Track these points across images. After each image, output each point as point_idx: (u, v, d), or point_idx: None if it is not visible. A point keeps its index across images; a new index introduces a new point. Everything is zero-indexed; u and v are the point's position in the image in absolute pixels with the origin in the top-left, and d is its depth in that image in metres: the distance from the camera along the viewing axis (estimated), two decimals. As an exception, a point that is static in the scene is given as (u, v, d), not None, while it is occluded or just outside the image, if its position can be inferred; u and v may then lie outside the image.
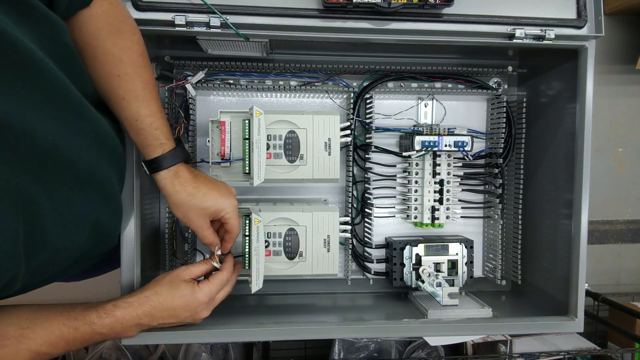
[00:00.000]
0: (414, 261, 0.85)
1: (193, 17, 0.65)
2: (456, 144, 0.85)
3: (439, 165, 0.89)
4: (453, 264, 0.86)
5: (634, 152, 1.79)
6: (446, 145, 0.85)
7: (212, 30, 0.66)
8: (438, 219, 0.90)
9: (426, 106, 0.92)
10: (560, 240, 0.80)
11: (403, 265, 0.85)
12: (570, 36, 0.72)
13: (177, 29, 0.65)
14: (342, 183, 0.91)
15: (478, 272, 0.95)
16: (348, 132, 0.81)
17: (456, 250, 0.86)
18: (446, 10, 0.69)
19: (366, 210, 0.89)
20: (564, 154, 0.79)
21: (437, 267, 0.85)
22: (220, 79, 0.85)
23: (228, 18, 0.65)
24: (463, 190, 0.93)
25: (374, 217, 0.90)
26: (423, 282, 0.82)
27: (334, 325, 0.75)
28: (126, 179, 0.66)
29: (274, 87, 0.87)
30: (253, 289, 0.69)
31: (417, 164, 0.89)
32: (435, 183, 0.89)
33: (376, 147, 0.90)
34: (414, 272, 0.85)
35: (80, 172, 0.52)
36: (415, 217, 0.90)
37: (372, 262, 0.91)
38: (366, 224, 0.90)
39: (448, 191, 0.89)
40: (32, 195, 0.46)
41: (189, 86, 0.79)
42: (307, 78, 0.87)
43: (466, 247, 0.86)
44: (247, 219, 0.70)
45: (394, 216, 0.93)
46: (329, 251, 0.78)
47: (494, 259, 0.93)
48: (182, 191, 0.63)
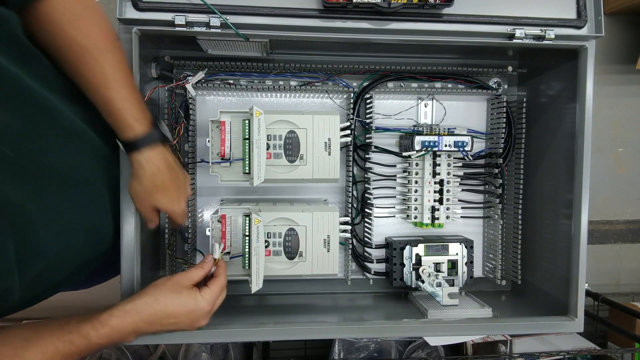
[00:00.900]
0: (414, 261, 0.85)
1: (193, 17, 0.65)
2: (456, 144, 0.85)
3: (439, 165, 0.89)
4: (453, 264, 0.86)
5: (634, 152, 1.79)
6: (446, 145, 0.85)
7: (212, 30, 0.66)
8: (438, 219, 0.90)
9: (426, 106, 0.92)
10: (560, 240, 0.80)
11: (403, 265, 0.85)
12: (570, 36, 0.72)
13: (177, 29, 0.65)
14: (342, 183, 0.91)
15: (478, 272, 0.95)
16: (348, 132, 0.81)
17: (456, 250, 0.86)
18: (446, 10, 0.69)
19: (366, 210, 0.89)
20: (564, 154, 0.79)
21: (437, 267, 0.85)
22: (220, 79, 0.85)
23: (228, 18, 0.65)
24: (463, 190, 0.93)
25: (374, 217, 0.90)
26: (423, 282, 0.82)
27: (334, 325, 0.75)
28: (126, 179, 0.66)
29: (274, 87, 0.87)
30: (253, 289, 0.69)
31: (417, 164, 0.89)
32: (435, 183, 0.89)
33: (376, 147, 0.90)
34: (414, 272, 0.85)
35: (63, 175, 0.51)
36: (415, 217, 0.90)
37: (372, 262, 0.91)
38: (366, 224, 0.90)
39: (448, 191, 0.89)
40: (17, 204, 0.45)
41: (189, 86, 0.79)
42: (307, 78, 0.87)
43: (466, 247, 0.86)
44: (247, 219, 0.71)
45: (394, 216, 0.93)
46: (329, 251, 0.78)
47: (494, 259, 0.93)
48: (146, 180, 0.61)
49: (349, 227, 0.82)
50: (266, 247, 0.77)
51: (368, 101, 0.88)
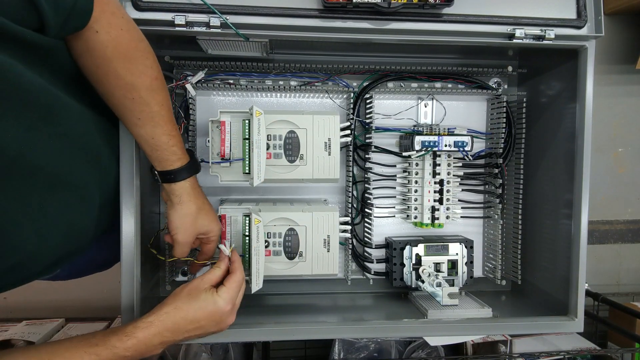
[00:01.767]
0: (414, 261, 0.85)
1: (193, 17, 0.65)
2: (456, 144, 0.85)
3: (439, 165, 0.89)
4: (453, 264, 0.86)
5: (634, 152, 1.79)
6: (446, 145, 0.85)
7: (212, 30, 0.66)
8: (438, 219, 0.90)
9: (426, 106, 0.92)
10: (560, 240, 0.80)
11: (403, 265, 0.85)
12: (570, 36, 0.72)
13: (177, 29, 0.65)
14: (342, 183, 0.91)
15: (478, 272, 0.95)
16: (348, 132, 0.81)
17: (456, 250, 0.86)
18: (446, 10, 0.69)
19: (366, 210, 0.89)
20: (564, 154, 0.79)
21: (437, 267, 0.85)
22: (220, 79, 0.85)
23: (228, 18, 0.65)
24: (463, 190, 0.93)
25: (374, 217, 0.90)
26: (423, 282, 0.82)
27: (334, 325, 0.75)
28: (126, 179, 0.66)
29: (274, 87, 0.87)
30: (253, 289, 0.69)
31: (417, 164, 0.89)
32: (435, 183, 0.89)
33: (376, 147, 0.90)
34: (414, 272, 0.85)
35: (50, 176, 0.51)
36: (415, 217, 0.90)
37: (372, 262, 0.90)
38: (366, 224, 0.90)
39: (448, 191, 0.89)
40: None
41: (189, 86, 0.79)
42: (307, 78, 0.86)
43: (466, 247, 0.86)
44: (247, 219, 0.70)
45: (394, 216, 0.93)
46: (329, 251, 0.78)
47: (494, 259, 0.93)
48: (192, 204, 0.65)
49: (349, 227, 0.82)
50: (266, 247, 0.77)
51: (368, 101, 0.88)
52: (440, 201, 0.90)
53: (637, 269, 1.82)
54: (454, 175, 0.90)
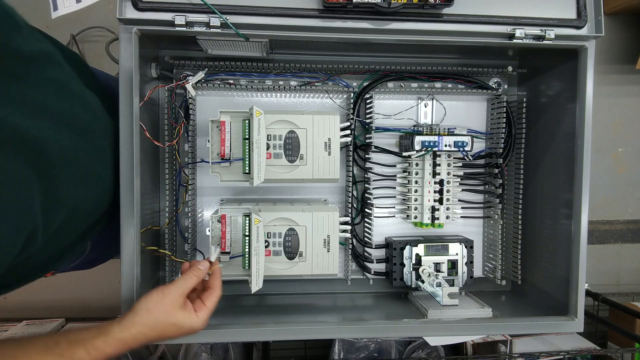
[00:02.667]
0: (414, 261, 0.85)
1: (193, 17, 0.65)
2: (456, 144, 0.85)
3: (439, 165, 0.89)
4: (453, 264, 0.86)
5: (634, 152, 1.79)
6: (446, 145, 0.85)
7: (212, 30, 0.66)
8: (438, 219, 0.90)
9: (426, 106, 0.92)
10: (560, 240, 0.80)
11: (403, 265, 0.85)
12: (570, 36, 0.72)
13: (177, 29, 0.65)
14: (342, 183, 0.91)
15: (478, 272, 0.95)
16: (348, 132, 0.81)
17: (456, 250, 0.86)
18: (446, 10, 0.69)
19: (366, 210, 0.89)
20: (564, 154, 0.79)
21: (437, 267, 0.85)
22: (220, 79, 0.85)
23: (228, 18, 0.65)
24: (463, 190, 0.93)
25: (374, 217, 0.90)
26: (423, 282, 0.82)
27: (334, 325, 0.75)
28: (126, 179, 0.66)
29: (274, 87, 0.87)
30: (253, 289, 0.69)
31: (417, 164, 0.89)
32: (435, 183, 0.89)
33: (376, 147, 0.90)
34: (414, 272, 0.85)
35: (77, 120, 0.54)
36: (415, 217, 0.90)
37: (372, 262, 0.91)
38: (366, 224, 0.90)
39: (448, 191, 0.89)
40: (38, 140, 0.45)
41: (189, 86, 0.79)
42: (307, 78, 0.87)
43: (466, 247, 0.86)
44: (247, 219, 0.70)
45: (394, 216, 0.93)
46: (329, 251, 0.78)
47: (494, 259, 0.93)
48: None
49: (349, 227, 0.82)
50: (266, 247, 0.77)
51: (368, 101, 0.88)
52: (440, 201, 0.90)
53: (637, 269, 1.82)
54: (454, 175, 0.90)
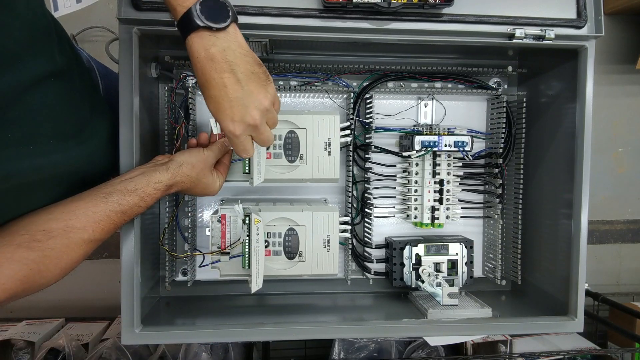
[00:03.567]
0: (413, 261, 0.85)
1: (193, 17, 0.65)
2: (456, 144, 0.85)
3: (439, 165, 0.89)
4: (453, 264, 0.86)
5: (634, 152, 1.79)
6: (446, 145, 0.85)
7: (212, 30, 0.66)
8: (438, 219, 0.90)
9: (426, 106, 0.92)
10: (560, 240, 0.80)
11: (403, 265, 0.85)
12: (570, 36, 0.72)
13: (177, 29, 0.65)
14: (342, 183, 0.91)
15: (478, 272, 0.95)
16: (348, 132, 0.81)
17: (456, 250, 0.86)
18: (446, 10, 0.69)
19: (366, 210, 0.89)
20: (564, 154, 0.79)
21: (437, 267, 0.85)
22: (220, 79, 0.85)
23: (228, 18, 0.65)
24: (463, 190, 0.93)
25: (374, 217, 0.90)
26: (423, 282, 0.82)
27: (334, 325, 0.75)
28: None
29: (274, 87, 0.87)
30: (253, 289, 0.69)
31: (417, 164, 0.89)
32: (435, 183, 0.89)
33: (376, 147, 0.90)
34: (413, 272, 0.85)
35: None
36: (415, 217, 0.90)
37: (372, 262, 0.90)
38: (366, 224, 0.90)
39: (448, 191, 0.89)
40: None
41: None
42: (307, 78, 0.86)
43: (466, 247, 0.86)
44: (247, 219, 0.70)
45: (394, 216, 0.93)
46: (328, 251, 0.78)
47: (494, 259, 0.93)
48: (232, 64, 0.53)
49: (348, 227, 0.82)
50: (266, 247, 0.77)
51: (368, 101, 0.88)
52: (440, 201, 0.90)
53: (637, 269, 1.82)
54: (454, 175, 0.90)
